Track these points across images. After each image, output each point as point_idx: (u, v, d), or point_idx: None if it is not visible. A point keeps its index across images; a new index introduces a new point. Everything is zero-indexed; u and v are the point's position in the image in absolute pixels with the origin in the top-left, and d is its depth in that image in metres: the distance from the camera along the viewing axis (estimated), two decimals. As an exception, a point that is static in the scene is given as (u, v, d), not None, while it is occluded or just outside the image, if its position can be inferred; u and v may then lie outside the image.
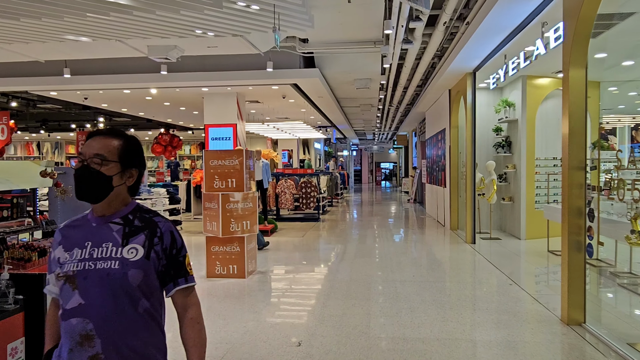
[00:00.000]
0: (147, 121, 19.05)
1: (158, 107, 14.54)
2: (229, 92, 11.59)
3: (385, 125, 24.12)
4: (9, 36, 7.95)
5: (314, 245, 9.51)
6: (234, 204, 6.56)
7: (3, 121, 13.57)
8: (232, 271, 6.57)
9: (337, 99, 14.84)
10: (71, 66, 10.02)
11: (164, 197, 11.06)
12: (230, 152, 6.59)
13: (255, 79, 10.06)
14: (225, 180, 6.55)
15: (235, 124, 11.80)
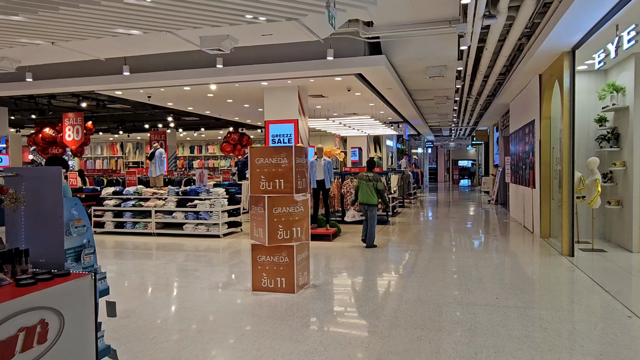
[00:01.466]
0: (215, 120, 18.98)
1: (222, 104, 14.23)
2: (289, 85, 10.87)
3: (463, 120, 22.33)
4: (61, 32, 7.77)
5: (380, 253, 8.48)
6: (282, 208, 5.74)
7: (77, 122, 13.95)
8: (280, 284, 5.77)
9: (409, 91, 13.62)
10: (130, 64, 9.80)
11: (223, 197, 10.58)
12: (278, 149, 5.77)
13: (314, 69, 9.22)
14: (273, 181, 5.75)
15: (297, 120, 11.05)
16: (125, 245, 10.00)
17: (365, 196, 8.77)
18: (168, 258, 8.50)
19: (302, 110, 11.36)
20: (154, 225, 10.76)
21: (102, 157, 30.58)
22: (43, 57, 9.60)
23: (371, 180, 8.76)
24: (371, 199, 8.71)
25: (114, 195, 11.36)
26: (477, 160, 36.14)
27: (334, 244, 9.39)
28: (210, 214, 10.39)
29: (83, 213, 3.01)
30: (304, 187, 6.05)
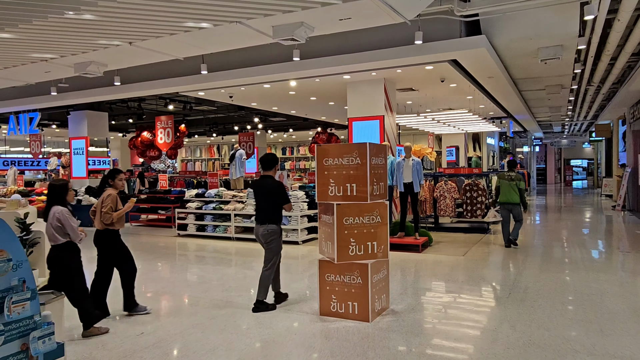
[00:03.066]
0: (303, 120, 18.51)
1: (306, 103, 13.61)
2: (374, 78, 9.85)
3: (580, 113, 19.51)
4: (135, 30, 7.57)
5: (478, 270, 7.14)
6: (354, 219, 4.77)
7: (168, 124, 14.19)
8: (351, 310, 4.80)
9: (514, 80, 11.85)
10: (208, 62, 9.48)
11: (302, 200, 9.86)
12: (350, 148, 4.81)
13: (401, 56, 8.10)
14: (343, 186, 4.81)
15: (383, 116, 10.00)
16: (206, 249, 9.71)
17: (509, 195, 8.74)
18: (242, 266, 7.95)
19: (389, 106, 10.27)
20: (234, 229, 10.37)
21: (200, 159, 31.95)
22: (126, 60, 9.63)
23: (514, 179, 8.76)
24: (515, 198, 8.70)
25: (196, 197, 11.21)
26: (595, 159, 31.95)
27: (424, 255, 8.19)
28: (289, 218, 9.73)
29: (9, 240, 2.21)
30: (382, 193, 5.02)
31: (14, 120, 14.36)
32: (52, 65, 9.86)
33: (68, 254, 4.43)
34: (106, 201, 4.96)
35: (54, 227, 4.36)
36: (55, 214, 4.35)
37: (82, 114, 14.32)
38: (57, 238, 4.37)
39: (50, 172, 16.81)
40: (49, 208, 4.43)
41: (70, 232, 4.36)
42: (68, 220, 4.33)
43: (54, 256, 4.44)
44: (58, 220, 4.33)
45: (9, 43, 8.02)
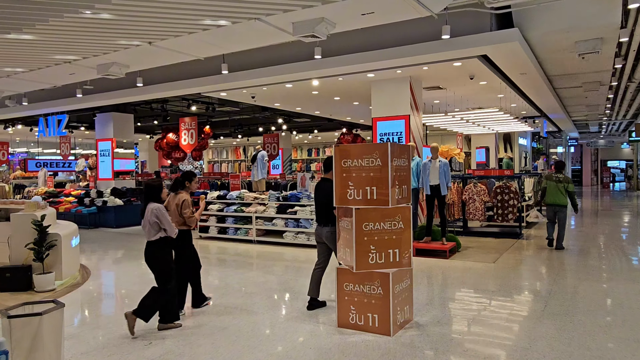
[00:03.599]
0: (328, 121, 18.24)
1: (329, 103, 13.33)
2: (399, 76, 9.48)
3: (619, 111, 18.55)
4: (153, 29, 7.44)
5: (510, 278, 6.68)
6: (374, 224, 4.45)
7: (192, 126, 14.14)
8: (371, 322, 4.47)
9: (548, 76, 11.26)
10: (229, 62, 9.30)
11: (325, 203, 9.56)
12: (370, 148, 4.49)
13: (428, 52, 7.72)
14: (363, 189, 4.48)
15: (409, 116, 9.61)
16: (227, 251, 9.54)
17: (555, 197, 8.66)
18: (263, 270, 7.71)
19: (415, 105, 9.88)
20: (255, 232, 10.17)
21: (226, 160, 32.09)
22: (148, 61, 9.57)
23: (562, 181, 8.67)
24: (562, 200, 8.63)
25: (218, 199, 11.07)
26: (635, 160, 30.50)
27: (452, 262, 7.77)
28: (311, 221, 9.45)
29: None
30: (405, 197, 4.67)
31: (43, 123, 14.62)
32: (76, 67, 9.90)
33: (162, 249, 4.73)
34: (185, 205, 5.18)
35: (151, 223, 4.64)
36: (152, 210, 4.64)
37: (108, 115, 14.44)
38: (153, 234, 4.66)
39: (78, 173, 17.06)
40: (145, 206, 4.74)
41: (167, 227, 4.65)
42: (165, 216, 4.64)
43: (150, 251, 4.74)
44: (155, 216, 4.61)
45: (32, 45, 8.03)
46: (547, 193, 8.81)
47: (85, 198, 13.79)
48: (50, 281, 6.25)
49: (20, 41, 7.71)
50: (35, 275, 6.19)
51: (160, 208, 4.66)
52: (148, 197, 4.77)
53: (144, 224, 4.70)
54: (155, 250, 4.70)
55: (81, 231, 13.27)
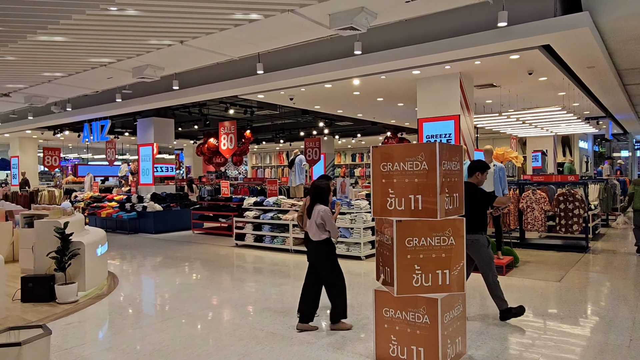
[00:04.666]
0: (371, 124, 17.52)
1: (372, 105, 12.63)
2: (448, 72, 8.67)
3: (697, 110, 16.66)
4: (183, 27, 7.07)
5: (581, 301, 5.73)
6: (419, 240, 3.73)
7: (231, 130, 13.82)
8: (415, 356, 3.74)
9: (618, 70, 10.05)
10: (265, 62, 8.83)
11: (366, 211, 8.87)
12: (414, 149, 3.78)
13: (481, 43, 6.90)
14: (406, 197, 3.78)
15: (458, 116, 8.77)
16: (263, 261, 9.05)
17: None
18: (299, 282, 7.11)
19: (466, 104, 9.01)
20: (292, 241, 9.61)
21: (270, 166, 31.95)
22: (182, 62, 9.26)
23: None
24: None
25: (254, 206, 10.61)
26: None
27: (509, 279, 6.86)
28: (351, 230, 8.77)
29: None
30: (457, 207, 3.93)
31: (88, 128, 14.79)
32: (112, 71, 9.75)
33: (327, 250, 4.87)
34: None
35: (317, 224, 4.77)
36: (319, 212, 4.77)
37: (149, 120, 14.40)
38: (319, 234, 4.80)
39: (121, 178, 17.22)
40: (312, 207, 4.87)
41: (331, 229, 4.80)
42: (330, 219, 4.78)
43: (315, 250, 4.88)
44: (322, 218, 4.74)
45: (63, 47, 7.87)
46: (635, 199, 8.61)
47: (127, 203, 13.77)
48: (72, 292, 5.92)
49: (52, 43, 7.56)
50: (57, 286, 5.88)
51: (327, 210, 4.80)
52: (316, 199, 4.90)
53: (310, 224, 4.82)
54: (321, 248, 4.85)
55: (120, 236, 13.36)
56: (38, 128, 17.11)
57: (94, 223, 14.55)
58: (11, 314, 5.42)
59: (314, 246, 4.89)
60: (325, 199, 4.90)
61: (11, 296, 6.05)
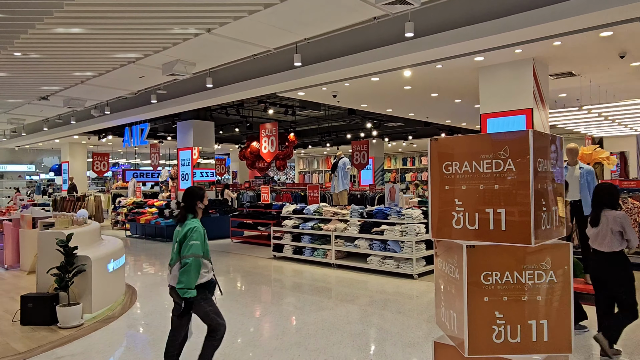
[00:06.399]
0: (424, 125, 16.16)
1: (426, 102, 11.33)
2: (519, 57, 7.30)
3: None
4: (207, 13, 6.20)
5: None
6: (501, 275, 2.53)
7: (272, 132, 12.96)
8: None
9: None
10: (304, 53, 7.85)
11: (419, 222, 7.64)
12: (494, 140, 2.59)
13: (563, 17, 5.52)
14: (480, 212, 2.60)
15: (531, 110, 7.37)
16: (302, 276, 8.06)
17: None
18: (340, 305, 6.01)
19: (540, 96, 7.59)
20: (334, 254, 8.52)
21: (317, 170, 31.09)
22: (213, 56, 8.44)
23: None
24: None
25: (294, 214, 9.62)
26: None
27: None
28: (401, 244, 7.57)
29: None
30: (558, 227, 2.70)
31: (128, 132, 14.45)
32: (143, 68, 9.10)
33: (625, 262, 4.29)
34: None
35: (613, 232, 4.23)
36: (616, 218, 4.23)
37: (188, 123, 13.84)
38: (616, 244, 4.24)
39: (162, 183, 16.84)
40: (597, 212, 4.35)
41: (631, 237, 4.22)
42: (630, 226, 4.25)
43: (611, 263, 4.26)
44: (621, 225, 4.21)
45: (85, 41, 7.25)
46: None
47: (165, 209, 13.23)
48: (76, 315, 5.14)
49: (71, 37, 6.94)
50: (58, 308, 5.12)
51: (627, 217, 4.29)
52: (605, 204, 4.35)
53: (603, 233, 4.24)
54: (617, 262, 4.25)
55: (157, 244, 12.79)
56: (84, 133, 17.09)
57: (135, 230, 14.16)
58: (1, 341, 4.68)
59: (607, 258, 4.27)
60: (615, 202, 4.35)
61: (12, 316, 5.36)
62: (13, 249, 8.71)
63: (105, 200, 19.18)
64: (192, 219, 3.53)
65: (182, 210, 3.58)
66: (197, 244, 3.38)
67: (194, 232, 3.42)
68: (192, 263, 3.36)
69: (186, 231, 3.44)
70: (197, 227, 3.46)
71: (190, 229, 3.42)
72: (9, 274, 8.34)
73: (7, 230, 8.77)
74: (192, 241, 3.37)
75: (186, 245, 3.38)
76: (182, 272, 3.36)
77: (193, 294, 3.38)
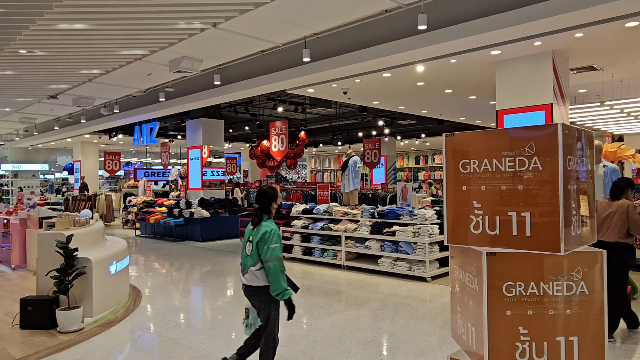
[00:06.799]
0: (437, 123, 15.80)
1: (439, 98, 11.02)
2: (537, 51, 6.98)
3: None
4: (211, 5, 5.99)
5: None
6: (526, 286, 2.27)
7: (282, 130, 12.76)
8: None
9: None
10: (312, 48, 7.62)
11: (432, 223, 7.36)
12: (518, 135, 2.33)
13: (588, 5, 5.20)
14: (502, 215, 2.34)
15: (551, 106, 7.04)
16: (311, 277, 7.84)
17: None
18: (351, 309, 5.76)
19: (560, 91, 7.25)
20: (344, 255, 8.28)
21: (329, 169, 30.82)
22: (220, 52, 8.26)
23: None
24: None
25: (303, 214, 9.40)
26: None
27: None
28: (414, 245, 7.30)
29: None
30: (589, 232, 2.42)
31: (138, 131, 14.36)
32: (149, 65, 8.94)
33: None
34: (632, 211, 4.55)
35: None
36: None
37: (197, 122, 13.69)
38: None
39: (171, 182, 16.74)
40: None
41: None
42: None
43: None
44: None
45: (90, 37, 7.11)
46: None
47: (175, 209, 13.10)
48: (76, 319, 4.98)
49: (74, 32, 6.80)
50: (58, 311, 4.95)
51: None
52: None
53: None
54: None
55: (165, 244, 12.65)
56: (95, 132, 17.08)
57: (144, 229, 14.07)
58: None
59: None
60: None
61: (13, 320, 5.22)
62: (20, 249, 8.62)
63: (117, 199, 19.16)
64: (267, 220, 3.54)
65: (257, 211, 3.60)
66: (277, 247, 3.44)
67: (274, 235, 3.45)
68: (277, 266, 3.40)
69: (263, 233, 3.45)
70: (275, 230, 3.49)
71: (269, 232, 3.45)
72: (16, 274, 8.26)
73: (14, 230, 8.69)
74: (272, 244, 3.41)
75: (267, 249, 3.41)
76: (270, 279, 3.40)
77: (289, 293, 3.44)
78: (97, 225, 6.19)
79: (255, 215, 3.60)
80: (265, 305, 3.48)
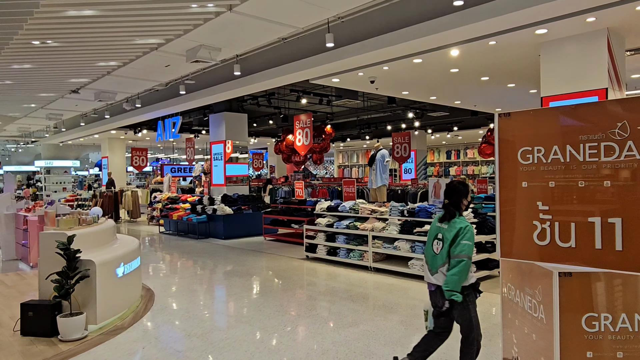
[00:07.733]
0: (471, 114, 14.97)
1: (475, 87, 10.25)
2: (590, 28, 6.19)
3: None
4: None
5: None
6: (614, 319, 1.64)
7: (307, 124, 12.23)
8: None
9: None
10: (337, 34, 7.06)
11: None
12: (606, 116, 1.70)
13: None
14: (579, 221, 1.72)
15: (605, 91, 6.24)
16: (336, 279, 7.31)
17: None
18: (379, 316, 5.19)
19: (616, 74, 6.43)
20: (371, 256, 7.70)
21: (357, 165, 30.20)
22: (238, 39, 7.76)
23: None
24: None
25: (328, 211, 8.85)
26: None
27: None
28: (448, 247, 6.64)
29: None
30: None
31: (161, 126, 14.12)
32: (167, 56, 8.54)
33: None
34: None
35: None
36: None
37: (220, 116, 13.32)
38: None
39: (195, 178, 16.49)
40: None
41: None
42: None
43: None
44: None
45: (101, 25, 6.76)
46: None
47: (198, 205, 12.78)
48: (78, 326, 4.59)
49: (84, 19, 6.44)
50: (59, 318, 4.58)
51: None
52: None
53: None
54: None
55: (188, 242, 12.34)
56: (120, 128, 16.99)
57: (168, 226, 13.84)
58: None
59: None
60: None
61: (14, 325, 4.89)
62: (38, 247, 8.40)
63: (144, 195, 19.11)
64: (460, 216, 3.38)
65: (449, 207, 3.42)
66: (470, 245, 3.25)
67: (468, 231, 3.28)
68: (466, 263, 3.19)
69: (458, 230, 3.28)
70: (469, 227, 3.29)
71: (463, 228, 3.29)
72: (33, 273, 8.04)
73: (32, 228, 8.49)
74: (465, 240, 3.24)
75: (458, 243, 3.25)
76: (451, 272, 3.21)
77: (459, 297, 3.21)
78: (105, 224, 5.81)
79: (445, 212, 3.42)
80: (462, 306, 3.24)
